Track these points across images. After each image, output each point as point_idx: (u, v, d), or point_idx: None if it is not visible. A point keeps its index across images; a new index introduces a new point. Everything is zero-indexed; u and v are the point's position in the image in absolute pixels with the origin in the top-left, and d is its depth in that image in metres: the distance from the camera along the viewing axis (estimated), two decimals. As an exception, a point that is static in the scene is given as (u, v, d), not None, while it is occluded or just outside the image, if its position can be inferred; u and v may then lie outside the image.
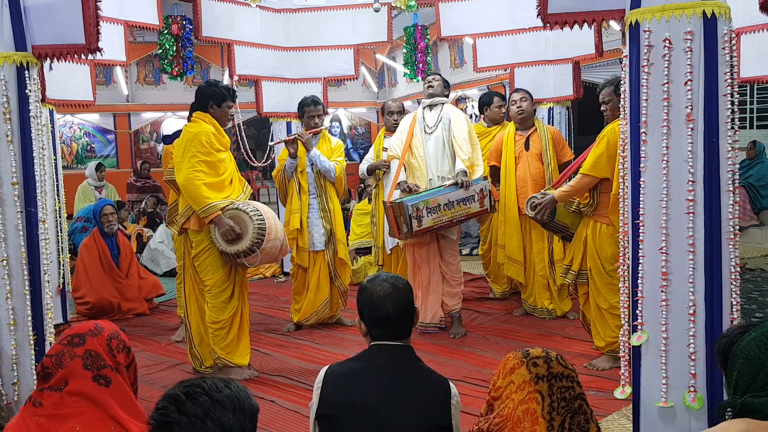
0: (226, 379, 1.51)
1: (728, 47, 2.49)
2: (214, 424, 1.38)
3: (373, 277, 2.14)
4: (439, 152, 4.75)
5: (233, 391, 1.45)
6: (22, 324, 2.90)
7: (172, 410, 1.40)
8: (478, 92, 9.52)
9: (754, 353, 1.71)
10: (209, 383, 1.45)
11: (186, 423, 1.38)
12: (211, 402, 1.41)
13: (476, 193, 4.57)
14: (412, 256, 4.90)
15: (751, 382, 1.69)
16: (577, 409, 1.88)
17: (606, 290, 3.86)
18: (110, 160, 12.72)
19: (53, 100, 5.17)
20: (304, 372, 4.11)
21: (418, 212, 4.44)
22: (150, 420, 1.42)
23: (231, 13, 6.29)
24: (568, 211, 4.13)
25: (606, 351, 3.97)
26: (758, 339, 1.74)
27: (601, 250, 3.86)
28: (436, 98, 4.88)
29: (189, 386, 1.44)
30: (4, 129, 2.85)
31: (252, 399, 1.49)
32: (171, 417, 1.39)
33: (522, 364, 1.92)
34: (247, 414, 1.44)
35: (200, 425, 1.37)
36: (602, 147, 3.82)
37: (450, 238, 4.82)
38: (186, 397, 1.41)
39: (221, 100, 3.96)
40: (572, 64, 5.95)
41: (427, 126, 4.82)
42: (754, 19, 4.69)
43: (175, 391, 1.43)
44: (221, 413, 1.40)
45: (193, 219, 3.93)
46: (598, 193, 3.91)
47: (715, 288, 2.50)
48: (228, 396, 1.43)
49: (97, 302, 5.64)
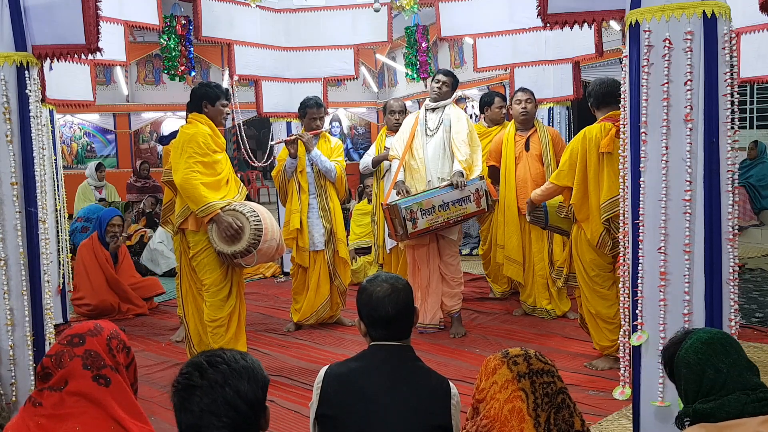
0: (242, 352, 1.67)
1: (728, 47, 2.49)
2: (231, 390, 1.55)
3: (373, 278, 2.14)
4: (439, 154, 4.73)
5: (249, 362, 1.63)
6: (21, 324, 2.89)
7: (196, 375, 1.57)
8: (478, 92, 9.53)
9: (693, 360, 1.74)
10: (228, 354, 1.63)
11: (207, 387, 1.55)
12: (230, 370, 1.58)
13: (472, 193, 4.54)
14: (412, 256, 4.90)
15: (697, 389, 1.72)
16: (560, 403, 1.91)
17: (592, 296, 3.87)
18: (110, 160, 12.73)
19: (53, 100, 5.17)
20: (304, 372, 4.11)
21: (412, 214, 4.43)
22: (174, 383, 1.58)
23: (231, 13, 6.29)
24: (559, 216, 4.14)
25: (605, 353, 3.97)
26: (694, 346, 1.76)
27: (582, 255, 3.88)
28: (440, 101, 4.84)
29: (210, 355, 1.62)
30: (4, 129, 2.85)
31: (264, 372, 1.66)
32: (194, 381, 1.56)
33: (503, 364, 1.95)
34: (260, 384, 1.62)
35: (219, 390, 1.55)
36: (566, 155, 3.87)
37: (450, 238, 4.81)
38: (208, 364, 1.58)
39: (214, 99, 3.97)
40: (572, 64, 5.95)
41: (428, 128, 4.80)
42: (754, 19, 4.69)
43: (199, 359, 1.61)
44: (238, 381, 1.57)
45: (190, 219, 3.93)
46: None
47: (714, 288, 2.50)
48: (244, 366, 1.61)
49: (98, 304, 5.63)
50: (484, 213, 4.80)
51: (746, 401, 1.64)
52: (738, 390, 1.67)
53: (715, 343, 1.75)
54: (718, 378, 1.69)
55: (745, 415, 1.61)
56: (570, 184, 3.82)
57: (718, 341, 1.76)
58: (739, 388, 1.67)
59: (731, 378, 1.69)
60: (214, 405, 1.53)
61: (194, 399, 1.54)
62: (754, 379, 1.71)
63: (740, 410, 1.63)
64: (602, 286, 3.83)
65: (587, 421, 2.00)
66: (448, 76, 4.91)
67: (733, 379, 1.69)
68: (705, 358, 1.72)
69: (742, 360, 1.73)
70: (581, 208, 3.78)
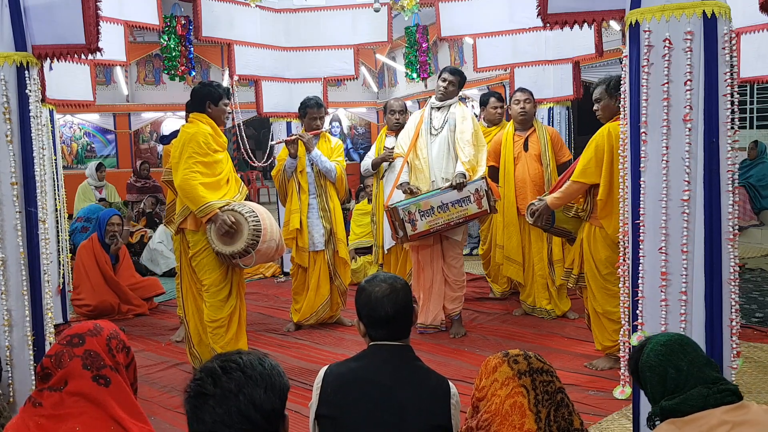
0: (261, 356, 1.56)
1: (728, 47, 2.49)
2: (246, 399, 1.45)
3: (372, 278, 2.13)
4: (444, 154, 4.67)
5: (266, 369, 1.52)
6: (20, 324, 2.89)
7: (209, 382, 1.46)
8: (478, 92, 9.53)
9: (655, 363, 1.85)
10: (245, 359, 1.52)
11: (220, 396, 1.44)
12: (245, 378, 1.47)
13: (471, 194, 4.46)
14: (416, 257, 4.88)
15: (662, 390, 1.82)
16: (559, 402, 1.94)
17: (600, 295, 3.86)
18: (110, 160, 12.73)
19: (53, 100, 5.17)
20: (304, 372, 4.11)
21: (410, 216, 4.40)
22: (187, 389, 1.49)
23: (231, 13, 6.29)
24: (567, 216, 4.11)
25: (606, 353, 3.97)
26: (654, 349, 1.87)
27: (596, 253, 3.86)
28: (446, 100, 4.77)
29: (225, 360, 1.51)
30: (4, 129, 2.85)
31: (284, 378, 1.56)
32: (206, 389, 1.45)
33: (503, 362, 1.98)
34: (278, 392, 1.51)
35: (233, 399, 1.44)
36: (590, 152, 3.83)
37: (454, 239, 4.76)
38: (222, 371, 1.48)
39: (217, 98, 3.98)
40: (572, 64, 5.95)
41: (433, 128, 4.74)
42: (754, 19, 4.69)
43: (213, 365, 1.50)
44: (253, 389, 1.47)
45: (190, 219, 3.93)
46: (592, 197, 3.91)
47: (714, 288, 2.50)
48: (261, 373, 1.50)
49: (98, 305, 5.63)
50: (487, 214, 4.71)
51: (708, 394, 1.74)
52: (699, 385, 1.77)
53: (673, 344, 1.85)
54: (680, 376, 1.80)
55: (708, 407, 1.72)
56: (598, 180, 3.79)
57: (676, 342, 1.86)
58: (701, 382, 1.78)
59: (692, 375, 1.79)
60: (227, 416, 1.43)
61: (206, 408, 1.44)
62: (713, 374, 1.81)
63: (703, 403, 1.73)
64: (614, 284, 3.81)
65: (587, 421, 2.01)
66: (454, 74, 4.80)
67: (693, 376, 1.79)
68: (665, 359, 1.83)
69: (700, 357, 1.84)
70: (606, 204, 3.77)
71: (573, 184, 3.91)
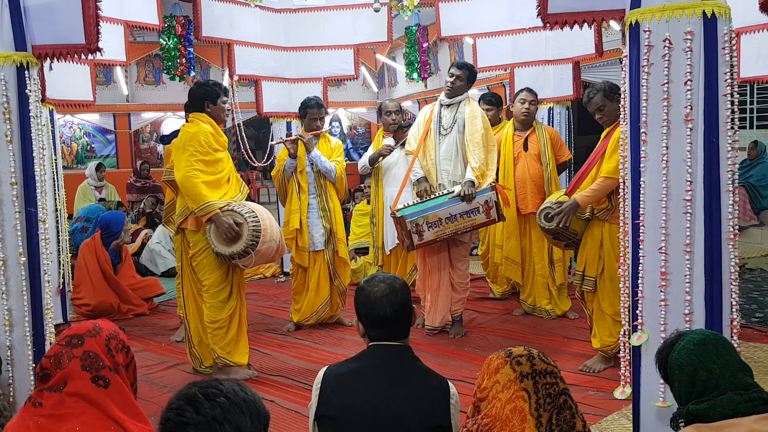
0: (239, 382, 1.46)
1: (728, 47, 2.49)
2: (231, 428, 1.34)
3: (370, 278, 2.13)
4: (452, 156, 4.58)
5: (249, 395, 1.41)
6: (20, 324, 2.89)
7: (189, 410, 1.35)
8: (478, 92, 9.51)
9: (685, 362, 1.76)
10: (226, 386, 1.41)
11: (203, 424, 1.33)
12: (229, 404, 1.36)
13: (481, 205, 4.37)
14: (423, 261, 4.84)
15: (690, 390, 1.74)
16: (562, 404, 1.90)
17: (615, 295, 3.81)
18: (110, 160, 12.73)
19: (53, 100, 5.17)
20: (304, 372, 4.11)
21: (418, 227, 4.35)
22: (164, 419, 1.37)
23: (231, 13, 6.29)
24: (580, 218, 4.01)
25: (600, 351, 3.95)
26: (686, 347, 1.78)
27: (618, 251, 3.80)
28: (455, 97, 4.64)
29: (206, 387, 1.39)
30: (4, 129, 2.85)
31: (264, 406, 1.45)
32: (187, 417, 1.34)
33: (506, 364, 1.93)
34: (263, 420, 1.41)
35: (218, 428, 1.33)
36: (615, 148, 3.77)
37: (461, 241, 4.72)
38: (204, 397, 1.36)
39: (216, 97, 3.98)
40: (572, 64, 5.95)
41: (442, 127, 4.62)
42: (754, 19, 4.68)
43: (192, 391, 1.38)
44: (239, 417, 1.36)
45: (190, 219, 3.93)
46: (615, 195, 3.86)
47: (714, 288, 2.50)
48: (245, 400, 1.39)
49: (98, 305, 5.63)
50: (495, 223, 4.62)
51: (739, 401, 1.65)
52: (731, 390, 1.68)
53: (708, 344, 1.76)
54: (711, 379, 1.71)
55: (738, 415, 1.62)
56: None
57: (711, 342, 1.77)
58: (732, 388, 1.68)
59: (724, 379, 1.70)
60: None
61: None
62: (746, 380, 1.72)
63: (733, 410, 1.64)
64: None
65: (587, 421, 2.00)
66: (462, 69, 4.65)
67: (725, 380, 1.70)
68: (697, 360, 1.74)
69: (735, 361, 1.75)
70: None
71: (607, 180, 3.75)
